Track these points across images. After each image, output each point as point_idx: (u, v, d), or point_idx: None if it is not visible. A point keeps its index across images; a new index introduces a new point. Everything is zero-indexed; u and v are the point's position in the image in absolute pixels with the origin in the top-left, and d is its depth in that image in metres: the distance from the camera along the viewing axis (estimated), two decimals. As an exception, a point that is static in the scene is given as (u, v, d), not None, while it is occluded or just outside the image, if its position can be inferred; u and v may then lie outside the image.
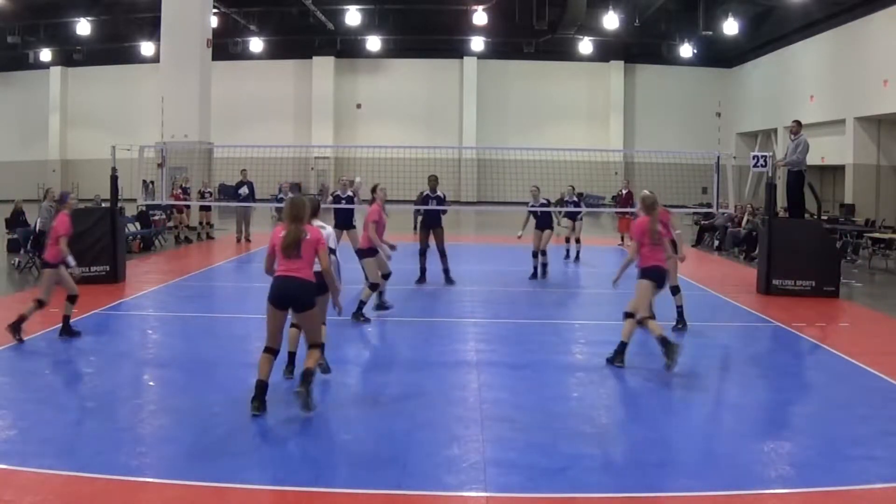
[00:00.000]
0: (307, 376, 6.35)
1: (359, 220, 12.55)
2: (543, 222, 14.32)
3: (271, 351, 6.46)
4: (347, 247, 12.14)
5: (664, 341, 7.86)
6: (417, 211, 15.47)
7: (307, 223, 6.63)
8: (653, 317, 8.11)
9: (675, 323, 9.87)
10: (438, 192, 13.56)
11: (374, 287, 10.21)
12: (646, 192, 8.51)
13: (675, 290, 9.96)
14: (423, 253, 13.40)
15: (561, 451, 5.70)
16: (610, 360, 8.14)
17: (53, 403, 6.71)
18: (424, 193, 13.83)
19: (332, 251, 7.36)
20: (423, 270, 13.35)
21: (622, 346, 8.11)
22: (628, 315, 8.17)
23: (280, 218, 7.94)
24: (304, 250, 6.32)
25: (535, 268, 14.19)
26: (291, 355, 7.39)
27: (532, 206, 14.34)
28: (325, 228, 7.21)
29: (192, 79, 23.40)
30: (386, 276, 10.53)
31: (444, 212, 13.77)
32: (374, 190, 10.82)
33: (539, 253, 14.20)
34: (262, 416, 6.35)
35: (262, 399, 6.34)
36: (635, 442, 5.92)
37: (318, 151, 37.12)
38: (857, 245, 18.18)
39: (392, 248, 10.46)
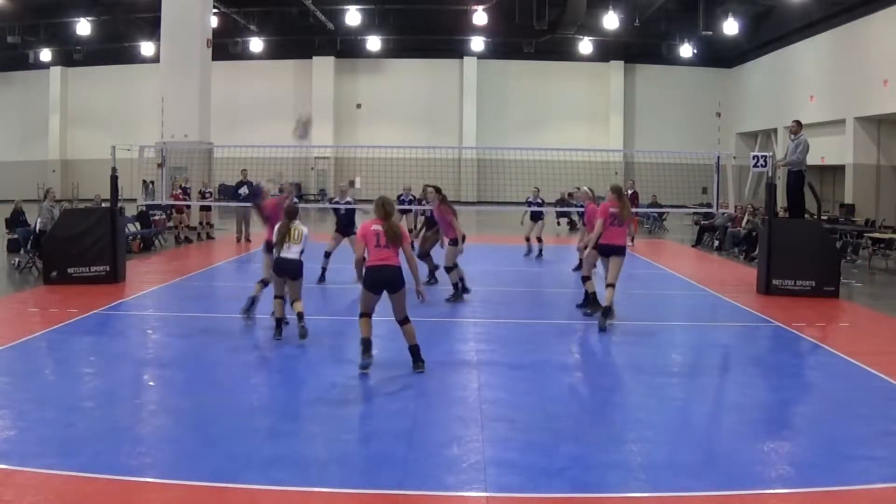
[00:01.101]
0: (415, 351, 7.67)
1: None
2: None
3: (367, 315, 7.58)
4: (345, 249, 12.34)
5: (593, 298, 10.23)
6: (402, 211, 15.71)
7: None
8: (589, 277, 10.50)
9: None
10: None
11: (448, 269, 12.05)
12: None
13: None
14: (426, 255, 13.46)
15: (561, 451, 5.70)
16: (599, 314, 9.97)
17: (53, 403, 6.70)
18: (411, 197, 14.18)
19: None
20: (432, 271, 13.51)
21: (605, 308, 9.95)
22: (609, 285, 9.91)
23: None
24: (392, 241, 7.44)
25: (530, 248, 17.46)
26: (279, 321, 9.01)
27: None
28: (304, 227, 9.01)
29: (192, 79, 23.39)
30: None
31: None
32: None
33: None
34: (266, 415, 6.36)
35: (370, 353, 7.58)
36: (635, 442, 5.92)
37: (318, 151, 37.11)
38: (857, 245, 18.18)
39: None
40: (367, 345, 7.58)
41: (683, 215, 28.36)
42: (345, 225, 13.83)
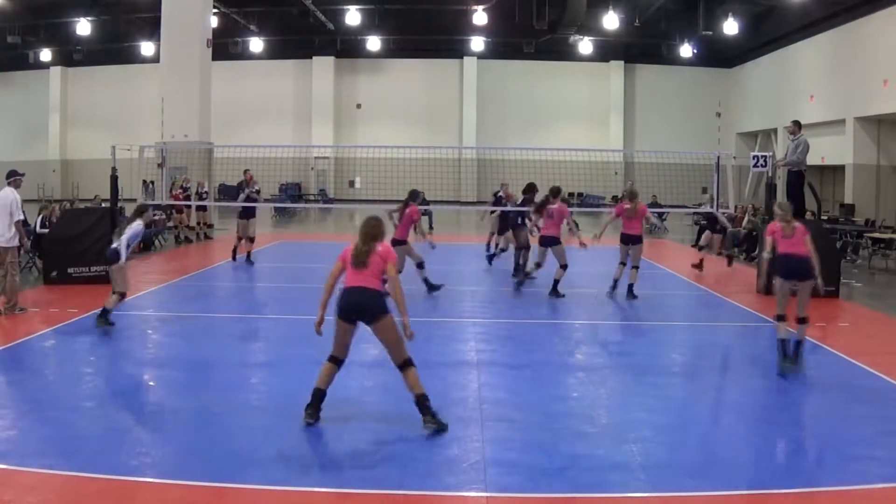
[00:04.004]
0: (422, 402, 6.12)
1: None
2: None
3: (337, 360, 6.24)
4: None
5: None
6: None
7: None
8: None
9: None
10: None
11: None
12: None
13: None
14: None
15: (561, 451, 5.70)
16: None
17: (53, 403, 6.70)
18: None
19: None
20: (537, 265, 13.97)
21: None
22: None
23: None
24: (372, 262, 6.14)
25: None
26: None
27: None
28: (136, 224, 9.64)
29: (192, 79, 23.37)
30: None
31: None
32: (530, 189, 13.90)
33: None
34: (266, 415, 6.37)
35: (316, 407, 6.17)
36: (635, 442, 5.92)
37: (318, 151, 37.14)
38: (857, 245, 18.18)
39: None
40: (316, 396, 6.18)
41: (683, 215, 28.35)
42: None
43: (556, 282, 12.34)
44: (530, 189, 14.25)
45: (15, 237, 10.51)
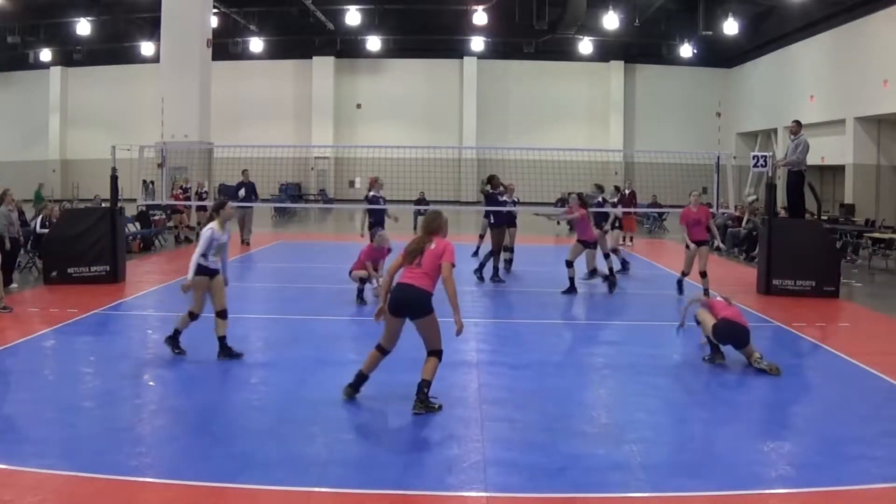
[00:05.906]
0: (421, 387, 6.48)
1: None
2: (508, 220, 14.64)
3: (382, 349, 6.70)
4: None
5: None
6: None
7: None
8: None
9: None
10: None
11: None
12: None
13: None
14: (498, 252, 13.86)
15: (561, 451, 5.70)
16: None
17: (53, 403, 6.70)
18: (489, 192, 14.11)
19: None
20: (496, 269, 13.78)
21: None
22: None
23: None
24: (426, 260, 6.54)
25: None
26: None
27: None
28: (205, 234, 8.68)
29: (192, 79, 23.43)
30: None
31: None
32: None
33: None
34: (266, 415, 6.37)
35: (355, 388, 6.70)
36: (635, 442, 5.92)
37: (318, 151, 37.15)
38: (857, 245, 18.18)
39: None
40: (358, 379, 6.72)
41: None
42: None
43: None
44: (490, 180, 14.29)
45: None
